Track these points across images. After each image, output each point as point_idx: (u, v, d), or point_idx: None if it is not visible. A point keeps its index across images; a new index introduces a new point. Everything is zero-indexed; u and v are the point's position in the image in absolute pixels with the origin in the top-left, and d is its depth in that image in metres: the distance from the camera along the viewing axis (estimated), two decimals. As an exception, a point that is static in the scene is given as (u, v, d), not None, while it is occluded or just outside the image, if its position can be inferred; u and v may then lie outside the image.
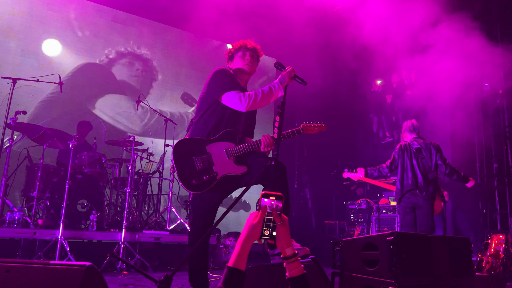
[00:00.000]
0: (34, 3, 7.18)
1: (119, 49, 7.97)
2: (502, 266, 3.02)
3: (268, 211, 1.63)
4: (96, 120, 7.08)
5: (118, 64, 7.94)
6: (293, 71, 2.86)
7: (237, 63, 3.11)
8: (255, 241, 1.63)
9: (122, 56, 8.00)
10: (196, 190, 2.76)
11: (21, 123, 5.25)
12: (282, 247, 1.65)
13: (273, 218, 1.63)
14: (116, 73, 7.91)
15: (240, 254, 1.60)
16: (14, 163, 5.45)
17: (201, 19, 7.08)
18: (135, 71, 8.12)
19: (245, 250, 1.61)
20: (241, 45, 3.12)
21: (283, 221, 1.65)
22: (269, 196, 1.63)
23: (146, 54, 8.26)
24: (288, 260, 1.66)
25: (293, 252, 1.65)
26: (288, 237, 1.66)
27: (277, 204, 1.63)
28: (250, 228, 1.62)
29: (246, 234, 1.62)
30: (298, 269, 1.65)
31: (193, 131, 2.96)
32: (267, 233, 1.62)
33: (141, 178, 6.32)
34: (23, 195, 5.45)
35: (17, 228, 4.75)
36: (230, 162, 2.82)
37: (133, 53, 8.13)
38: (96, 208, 5.25)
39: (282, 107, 2.65)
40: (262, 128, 8.68)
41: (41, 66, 7.05)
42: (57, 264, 1.66)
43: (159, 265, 5.55)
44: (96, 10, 7.76)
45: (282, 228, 1.64)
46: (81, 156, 5.67)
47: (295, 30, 7.16)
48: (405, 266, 2.18)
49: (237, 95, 2.86)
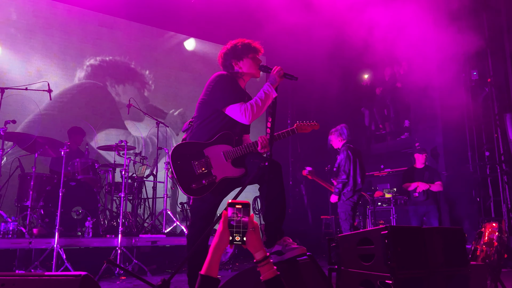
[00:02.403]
0: (20, 11, 7.11)
1: (105, 57, 7.91)
2: (497, 254, 3.06)
3: (237, 219, 1.71)
4: (86, 126, 7.04)
5: (108, 74, 7.89)
6: (281, 70, 2.84)
7: (248, 65, 2.96)
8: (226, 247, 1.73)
9: (110, 63, 7.94)
10: (196, 195, 2.74)
11: (11, 133, 5.21)
12: (252, 251, 1.74)
13: (242, 224, 1.71)
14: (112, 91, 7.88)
15: (212, 261, 1.70)
16: (6, 173, 5.40)
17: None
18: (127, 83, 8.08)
19: (216, 257, 1.70)
20: (254, 47, 2.98)
21: (254, 227, 1.73)
22: (234, 205, 1.72)
23: (134, 63, 8.21)
24: (259, 264, 1.74)
25: (263, 255, 1.74)
26: (257, 242, 1.74)
27: (243, 212, 1.72)
28: (219, 236, 1.72)
29: (216, 241, 1.72)
30: (270, 271, 1.73)
31: (194, 135, 2.92)
32: (238, 238, 1.72)
33: (135, 182, 6.30)
34: (16, 204, 5.41)
35: (12, 239, 4.72)
36: (228, 164, 2.82)
37: (120, 62, 8.07)
38: (91, 214, 5.22)
39: (273, 107, 2.66)
40: (255, 127, 8.68)
41: (28, 73, 6.99)
42: (52, 275, 1.65)
43: (157, 269, 5.54)
44: (82, 15, 7.71)
45: (251, 234, 1.73)
46: (74, 163, 5.64)
47: (284, 26, 7.16)
48: (400, 259, 2.19)
49: (242, 109, 2.79)
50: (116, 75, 7.98)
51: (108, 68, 7.90)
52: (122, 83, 8.03)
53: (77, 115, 7.31)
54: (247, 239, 1.72)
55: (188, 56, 8.92)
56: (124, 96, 7.88)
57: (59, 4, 7.49)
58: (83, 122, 7.22)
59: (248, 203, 1.73)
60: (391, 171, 8.42)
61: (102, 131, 7.60)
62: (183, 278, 3.04)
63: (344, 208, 5.49)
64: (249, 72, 2.99)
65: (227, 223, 1.71)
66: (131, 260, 4.92)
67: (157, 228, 6.02)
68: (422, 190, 6.17)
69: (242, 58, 2.97)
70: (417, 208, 6.28)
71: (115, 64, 7.99)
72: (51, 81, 5.63)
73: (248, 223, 1.72)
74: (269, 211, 2.66)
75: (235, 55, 2.97)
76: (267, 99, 2.82)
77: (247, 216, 1.72)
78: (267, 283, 1.72)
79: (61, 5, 7.51)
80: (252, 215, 1.74)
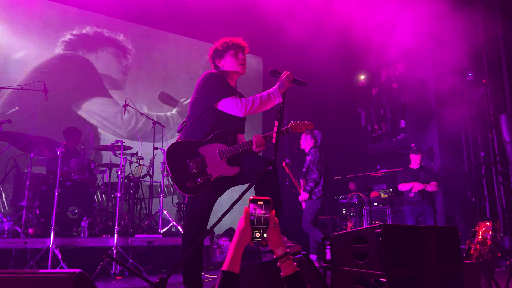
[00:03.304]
0: (15, 11, 7.09)
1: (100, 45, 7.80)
2: (490, 253, 3.08)
3: (259, 215, 1.70)
4: (82, 126, 7.02)
5: (99, 56, 7.79)
6: (290, 75, 2.85)
7: (229, 62, 3.02)
8: (247, 243, 1.72)
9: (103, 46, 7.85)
10: (191, 193, 2.76)
11: (6, 132, 5.19)
12: (272, 247, 1.74)
13: (263, 220, 1.70)
14: (97, 66, 7.76)
15: (234, 258, 1.68)
16: (1, 173, 5.39)
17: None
18: (120, 65, 8.00)
19: (238, 253, 1.69)
20: (234, 43, 3.03)
21: (275, 224, 1.73)
22: (256, 201, 1.71)
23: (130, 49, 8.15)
24: (280, 260, 1.74)
25: (284, 251, 1.73)
26: (278, 238, 1.74)
27: (266, 209, 1.71)
28: (240, 232, 1.71)
29: (237, 238, 1.70)
30: (291, 267, 1.73)
31: (188, 134, 2.93)
32: (258, 235, 1.71)
33: (132, 182, 6.29)
34: (12, 204, 5.39)
35: (8, 238, 4.71)
36: (223, 163, 2.83)
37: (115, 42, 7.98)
38: (87, 214, 5.21)
39: (281, 112, 2.67)
40: (250, 126, 8.70)
41: (24, 73, 6.97)
42: (47, 272, 1.66)
43: (153, 269, 5.54)
44: (78, 15, 7.69)
45: (272, 230, 1.73)
46: (70, 163, 5.62)
47: (280, 27, 7.17)
48: (394, 258, 2.20)
49: (234, 101, 2.82)
50: (95, 45, 7.86)
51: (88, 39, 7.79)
52: (102, 54, 7.92)
53: (60, 85, 7.16)
54: (269, 235, 1.72)
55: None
56: (106, 66, 7.82)
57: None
58: (79, 121, 7.22)
59: (270, 200, 1.72)
60: (387, 171, 8.46)
61: (87, 100, 7.53)
62: (179, 278, 3.04)
63: (311, 209, 5.69)
64: (232, 70, 3.03)
65: (248, 219, 1.71)
66: (127, 260, 4.92)
67: (153, 228, 6.01)
68: (418, 190, 6.19)
69: (223, 56, 3.03)
70: (412, 208, 6.30)
71: (98, 35, 7.89)
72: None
73: (270, 219, 1.72)
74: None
75: (217, 54, 3.05)
76: (269, 101, 2.84)
77: (269, 212, 1.72)
78: (287, 279, 1.73)
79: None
80: (273, 212, 1.74)
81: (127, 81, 8.06)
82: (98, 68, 7.76)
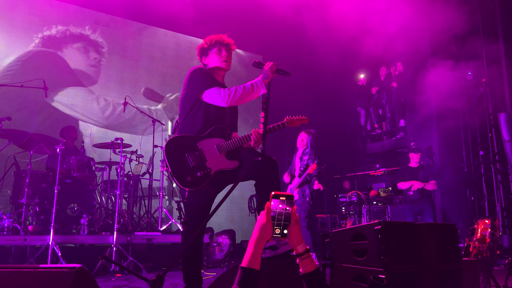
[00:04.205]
0: (16, 8, 7.08)
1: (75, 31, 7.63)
2: (489, 251, 3.09)
3: (279, 211, 1.65)
4: (62, 117, 6.91)
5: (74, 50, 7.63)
6: (274, 66, 2.88)
7: (213, 59, 3.10)
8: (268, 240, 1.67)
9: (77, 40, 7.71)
10: (192, 187, 2.77)
11: (6, 130, 5.19)
12: (293, 244, 1.69)
13: (284, 216, 1.65)
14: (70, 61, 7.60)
15: (254, 254, 1.63)
16: (1, 170, 5.39)
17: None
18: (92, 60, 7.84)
19: (258, 250, 1.64)
20: (216, 40, 3.10)
21: (297, 220, 1.69)
22: (279, 197, 1.66)
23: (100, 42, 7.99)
24: (301, 257, 1.69)
25: (304, 248, 1.69)
26: (299, 234, 1.69)
27: (288, 204, 1.66)
28: (261, 228, 1.65)
29: (258, 234, 1.65)
30: (311, 264, 1.69)
31: (181, 130, 2.97)
32: (278, 231, 1.66)
33: (131, 180, 6.30)
34: (11, 202, 5.39)
35: (7, 236, 4.71)
36: (222, 157, 2.86)
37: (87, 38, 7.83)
38: (86, 212, 5.22)
39: (266, 103, 2.69)
40: (249, 124, 8.70)
41: (24, 71, 6.97)
42: (47, 267, 1.66)
43: (153, 266, 5.54)
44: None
45: (294, 226, 1.68)
46: (69, 160, 5.63)
47: (277, 25, 7.18)
48: (393, 254, 2.21)
49: (217, 91, 2.89)
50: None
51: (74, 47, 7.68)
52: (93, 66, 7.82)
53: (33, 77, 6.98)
54: (290, 231, 1.67)
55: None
56: (76, 61, 7.71)
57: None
58: (74, 119, 7.21)
59: (292, 195, 1.67)
60: (387, 170, 8.46)
61: (60, 90, 7.38)
62: (179, 275, 3.05)
63: (304, 207, 5.78)
64: (216, 66, 3.10)
65: (270, 215, 1.65)
66: (126, 258, 4.92)
67: (153, 226, 6.02)
68: (417, 189, 6.20)
69: (208, 53, 3.11)
70: (412, 207, 6.32)
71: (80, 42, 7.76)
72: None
73: (292, 215, 1.67)
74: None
75: (202, 52, 3.15)
76: (253, 91, 2.89)
77: (291, 208, 1.66)
78: (307, 276, 1.69)
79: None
80: (295, 207, 1.69)
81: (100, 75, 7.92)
82: (70, 63, 7.61)
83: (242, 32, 6.71)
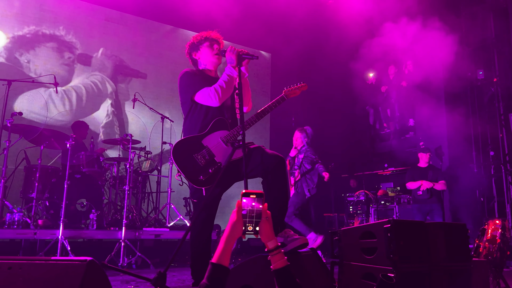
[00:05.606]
0: (27, 4, 7.15)
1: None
2: (499, 251, 3.06)
3: (251, 209, 1.70)
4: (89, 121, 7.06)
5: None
6: (234, 48, 2.89)
7: (205, 53, 3.12)
8: (239, 237, 1.73)
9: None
10: (207, 185, 2.78)
11: (17, 125, 5.25)
12: (264, 240, 1.74)
13: (255, 214, 1.70)
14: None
15: (224, 251, 1.70)
16: (12, 165, 5.44)
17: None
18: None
19: (228, 247, 1.70)
20: (207, 36, 3.13)
21: (267, 217, 1.73)
22: (249, 195, 1.71)
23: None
24: (271, 253, 1.74)
25: (275, 244, 1.74)
26: (270, 231, 1.74)
27: (258, 202, 1.70)
28: (232, 226, 1.71)
29: (229, 231, 1.71)
30: (281, 261, 1.73)
31: (184, 132, 3.04)
32: (250, 228, 1.71)
33: (140, 176, 6.33)
34: (22, 196, 5.45)
35: (18, 229, 4.76)
36: (229, 149, 2.86)
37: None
38: (95, 207, 5.26)
39: (239, 87, 2.73)
40: (255, 125, 8.67)
41: (35, 66, 7.03)
42: (58, 260, 1.68)
43: (160, 262, 5.57)
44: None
45: (265, 223, 1.72)
46: (79, 156, 5.67)
47: (288, 23, 7.15)
48: (402, 253, 2.20)
49: (206, 92, 2.89)
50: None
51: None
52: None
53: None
54: (261, 228, 1.71)
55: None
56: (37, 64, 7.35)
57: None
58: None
59: (262, 193, 1.72)
60: (395, 170, 8.41)
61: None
62: (187, 271, 3.06)
63: (296, 201, 5.66)
64: (208, 60, 3.12)
65: (240, 213, 1.70)
66: (134, 253, 4.96)
67: (161, 222, 6.05)
68: (426, 189, 6.17)
69: (199, 48, 3.13)
70: (420, 207, 6.28)
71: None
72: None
73: (262, 213, 1.71)
74: (272, 204, 2.68)
75: (192, 47, 3.17)
76: (231, 80, 2.92)
77: (261, 205, 1.71)
78: (277, 272, 1.72)
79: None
80: (265, 205, 1.73)
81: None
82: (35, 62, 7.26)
83: (251, 30, 6.73)
